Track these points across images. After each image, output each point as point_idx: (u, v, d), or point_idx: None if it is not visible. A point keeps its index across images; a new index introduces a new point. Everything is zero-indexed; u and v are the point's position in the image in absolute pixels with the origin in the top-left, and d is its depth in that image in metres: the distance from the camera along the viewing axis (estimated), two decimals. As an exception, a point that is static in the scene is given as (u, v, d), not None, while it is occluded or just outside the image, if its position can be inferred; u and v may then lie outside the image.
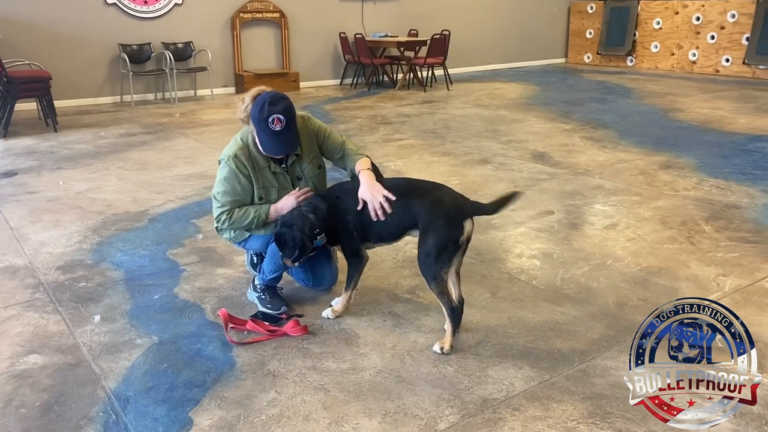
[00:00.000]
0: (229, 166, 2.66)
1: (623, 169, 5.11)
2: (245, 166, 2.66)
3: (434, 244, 2.45)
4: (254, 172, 2.68)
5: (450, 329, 2.52)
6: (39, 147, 6.10)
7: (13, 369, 2.43)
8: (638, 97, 8.75)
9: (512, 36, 12.39)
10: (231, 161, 2.66)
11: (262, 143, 2.60)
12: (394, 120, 7.33)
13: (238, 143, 2.71)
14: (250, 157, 2.68)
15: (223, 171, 2.68)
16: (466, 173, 5.07)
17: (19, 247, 3.64)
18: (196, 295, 3.04)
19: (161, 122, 7.32)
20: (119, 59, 8.49)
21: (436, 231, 2.46)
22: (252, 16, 9.39)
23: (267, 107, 2.53)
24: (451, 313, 2.50)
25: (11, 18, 7.69)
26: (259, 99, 2.60)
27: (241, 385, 2.32)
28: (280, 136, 2.57)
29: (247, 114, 2.65)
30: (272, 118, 2.52)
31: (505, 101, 8.61)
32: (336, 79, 10.43)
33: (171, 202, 4.46)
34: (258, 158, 2.70)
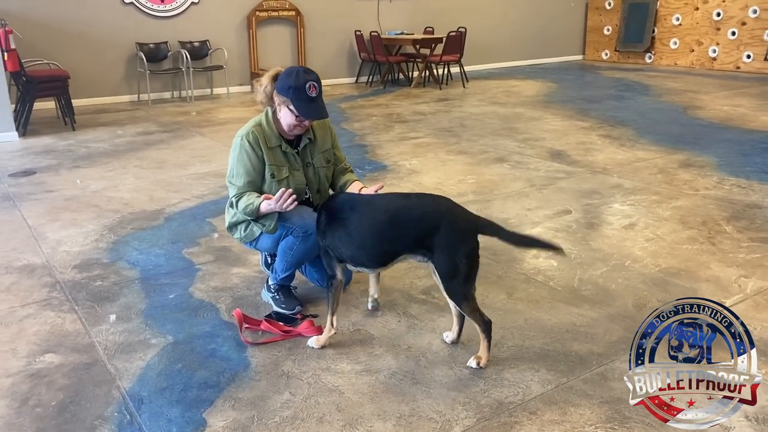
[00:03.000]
0: (241, 145, 2.68)
1: (642, 168, 5.04)
2: (258, 144, 2.68)
3: (460, 264, 2.33)
4: (266, 149, 2.70)
5: (485, 344, 2.40)
6: (57, 146, 6.15)
7: (29, 368, 2.44)
8: (657, 95, 8.64)
9: (529, 33, 12.29)
10: (244, 139, 2.68)
11: (300, 109, 2.62)
12: (409, 118, 7.30)
13: (254, 121, 2.74)
14: (264, 134, 2.70)
15: (236, 150, 2.70)
16: (482, 172, 5.03)
17: (36, 245, 3.67)
18: (211, 294, 3.04)
19: (178, 121, 7.35)
20: (136, 58, 8.54)
21: (458, 251, 2.34)
22: (268, 14, 9.40)
23: (303, 74, 2.60)
24: (486, 328, 2.38)
25: (30, 18, 7.76)
26: (290, 71, 2.64)
27: (255, 386, 2.32)
28: (316, 102, 2.63)
29: (267, 94, 2.68)
30: (309, 84, 2.58)
31: (521, 99, 8.54)
32: (351, 77, 10.41)
33: (187, 200, 4.47)
34: (271, 136, 2.72)
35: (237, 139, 2.72)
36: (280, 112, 2.68)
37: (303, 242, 2.70)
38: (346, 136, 6.37)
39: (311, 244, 2.71)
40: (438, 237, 2.34)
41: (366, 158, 5.48)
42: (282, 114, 2.67)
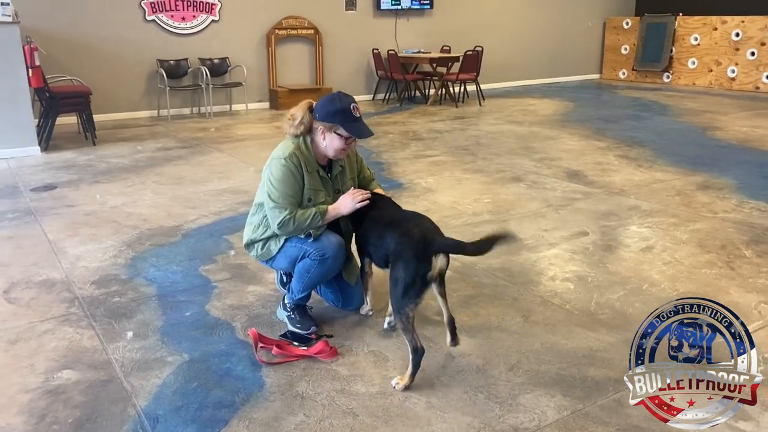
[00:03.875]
0: (286, 166, 2.67)
1: (659, 189, 5.00)
2: (300, 167, 2.70)
3: (402, 277, 2.37)
4: (307, 173, 2.72)
5: (410, 369, 2.40)
6: (78, 160, 6.24)
7: (47, 384, 2.47)
8: (675, 115, 8.60)
9: (546, 51, 12.32)
10: (288, 161, 2.68)
11: (350, 130, 2.68)
12: (425, 136, 7.32)
13: (290, 146, 2.73)
14: (304, 158, 2.72)
15: (280, 170, 2.67)
16: (498, 191, 5.03)
17: (56, 260, 3.72)
18: (227, 312, 3.06)
19: (196, 137, 7.43)
20: (157, 74, 8.67)
21: (403, 265, 2.38)
22: (287, 32, 9.51)
23: (344, 98, 2.70)
24: (413, 352, 2.37)
25: (54, 35, 7.92)
26: (329, 98, 2.71)
27: (269, 407, 2.32)
28: (361, 121, 2.72)
29: (306, 125, 2.71)
30: (352, 106, 2.68)
31: (538, 117, 8.54)
32: (368, 95, 10.48)
33: (204, 217, 4.51)
34: (310, 161, 2.74)
35: (277, 162, 2.69)
36: (325, 139, 2.71)
37: (320, 265, 2.71)
38: (362, 153, 6.34)
39: (328, 268, 2.73)
40: (394, 246, 2.49)
41: (382, 176, 5.49)
42: (327, 140, 2.71)
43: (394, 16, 10.42)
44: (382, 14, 10.30)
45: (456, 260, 3.64)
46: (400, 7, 10.32)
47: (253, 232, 2.86)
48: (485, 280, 3.39)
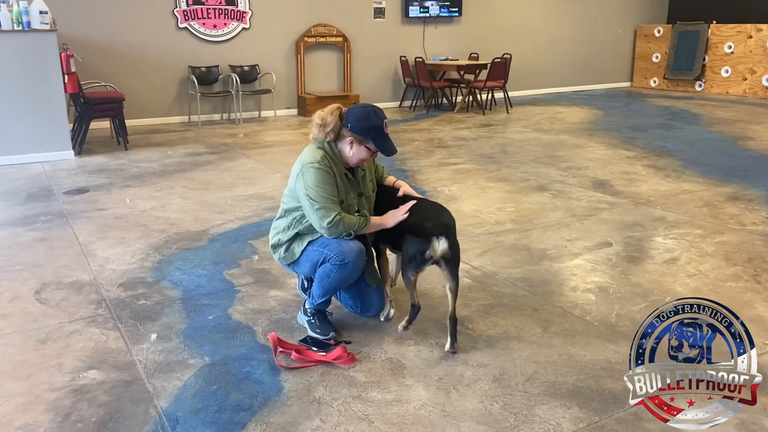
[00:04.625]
0: (322, 169, 2.71)
1: (687, 200, 4.94)
2: (332, 169, 2.75)
3: (407, 251, 2.75)
4: (336, 176, 2.77)
5: (407, 317, 2.83)
6: (110, 165, 6.40)
7: (73, 383, 2.54)
8: (706, 124, 8.47)
9: (575, 59, 12.24)
10: (321, 164, 2.72)
11: (381, 147, 2.78)
12: (450, 143, 7.33)
13: (318, 150, 2.77)
14: (333, 162, 2.78)
15: (316, 174, 2.70)
16: (521, 200, 5.02)
17: (86, 262, 3.82)
18: (248, 316, 3.11)
19: (225, 142, 7.55)
20: (188, 81, 8.83)
21: (409, 241, 2.74)
22: (316, 40, 9.61)
23: (378, 114, 2.77)
24: (411, 307, 2.81)
25: (90, 42, 8.13)
26: (363, 113, 2.74)
27: (287, 411, 2.36)
28: (389, 138, 2.81)
29: (336, 131, 2.75)
30: (385, 122, 2.76)
31: (566, 126, 8.49)
32: (395, 102, 10.53)
33: (230, 222, 4.59)
34: (338, 164, 2.80)
35: (311, 167, 2.71)
36: (352, 149, 2.76)
37: (340, 270, 2.75)
38: (386, 160, 6.42)
39: (348, 272, 2.76)
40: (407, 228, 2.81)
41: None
42: (354, 151, 2.76)
43: (422, 24, 10.46)
44: (410, 22, 10.35)
45: (477, 269, 3.65)
46: (428, 14, 10.36)
47: (277, 235, 2.91)
48: (506, 290, 3.39)
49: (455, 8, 10.57)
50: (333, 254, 2.74)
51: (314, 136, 2.80)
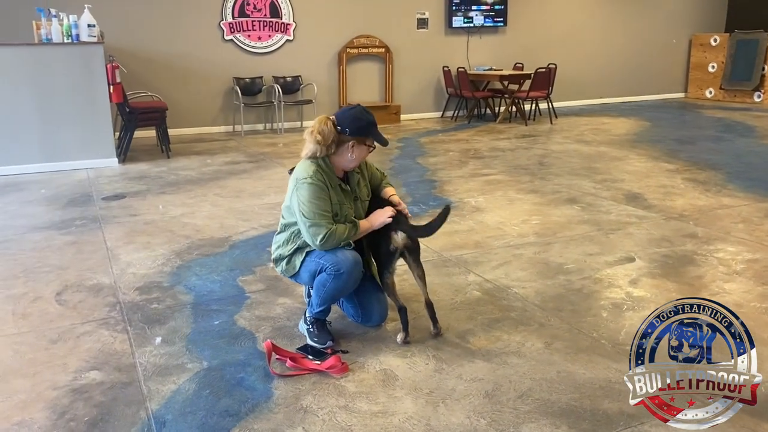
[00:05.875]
0: (315, 184, 2.74)
1: (723, 216, 4.73)
2: (325, 183, 2.77)
3: (376, 254, 2.95)
4: (330, 189, 2.79)
5: (401, 325, 2.89)
6: (150, 172, 6.61)
7: (74, 383, 2.63)
8: (760, 137, 8.11)
9: (626, 69, 11.93)
10: (314, 178, 2.74)
11: (380, 139, 2.86)
12: (486, 154, 7.25)
13: (311, 165, 2.80)
14: (326, 175, 2.80)
15: (309, 190, 2.72)
16: (548, 213, 4.91)
17: (109, 266, 3.95)
18: (253, 323, 3.15)
19: (264, 152, 7.69)
20: (233, 91, 9.05)
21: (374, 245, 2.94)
22: (358, 51, 9.70)
23: (365, 110, 2.85)
24: (398, 311, 2.87)
25: (138, 53, 8.44)
26: (354, 115, 2.80)
27: (271, 418, 2.37)
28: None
29: (335, 140, 2.77)
30: (374, 119, 2.85)
31: (609, 137, 8.28)
32: (437, 112, 10.51)
33: (254, 229, 4.66)
34: (332, 176, 2.82)
35: (304, 183, 2.74)
36: (353, 152, 2.79)
37: (335, 280, 2.75)
38: (417, 171, 6.43)
39: (343, 282, 2.76)
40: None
41: (432, 194, 5.49)
42: (356, 152, 2.80)
43: (466, 34, 10.41)
44: (453, 32, 10.33)
45: (489, 282, 3.59)
46: (472, 25, 10.31)
47: (278, 249, 2.94)
48: (515, 304, 3.32)
49: (500, 18, 10.48)
50: (329, 264, 2.74)
51: (314, 154, 2.80)
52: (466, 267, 3.83)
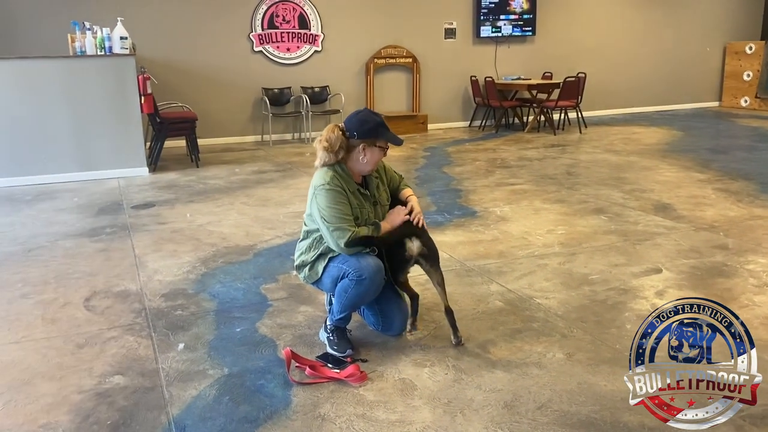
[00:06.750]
0: (333, 189, 2.77)
1: (755, 227, 4.62)
2: (342, 188, 2.80)
3: (390, 262, 2.90)
4: (350, 193, 2.82)
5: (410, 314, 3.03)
6: (179, 181, 6.72)
7: (98, 387, 2.68)
8: (796, 146, 7.91)
9: (658, 78, 11.77)
10: (331, 184, 2.77)
11: (391, 139, 2.87)
12: (513, 164, 7.21)
13: (327, 171, 2.83)
14: (343, 180, 2.83)
15: (327, 195, 2.75)
16: (574, 223, 4.86)
17: (136, 273, 4.02)
18: (274, 330, 3.17)
19: (291, 161, 7.77)
20: (261, 101, 9.17)
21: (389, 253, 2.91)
22: (386, 61, 9.75)
23: (373, 112, 2.89)
24: (411, 301, 3.04)
25: (169, 64, 8.61)
26: (361, 118, 2.83)
27: (289, 426, 2.38)
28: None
29: (344, 148, 2.80)
30: (383, 117, 2.89)
31: (639, 147, 8.16)
32: (465, 121, 10.49)
33: (278, 237, 4.70)
34: (349, 182, 2.85)
35: (322, 189, 2.77)
36: (366, 154, 2.81)
37: (357, 285, 2.76)
38: (443, 180, 6.42)
39: (365, 288, 2.77)
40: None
41: (457, 203, 5.48)
42: (368, 155, 2.82)
43: (494, 44, 10.39)
44: (481, 42, 10.32)
45: (512, 292, 3.56)
46: (500, 34, 10.29)
47: (301, 256, 2.97)
48: (537, 314, 3.29)
49: (528, 27, 10.44)
50: (351, 270, 2.75)
51: (324, 162, 2.83)
52: (489, 277, 3.81)
